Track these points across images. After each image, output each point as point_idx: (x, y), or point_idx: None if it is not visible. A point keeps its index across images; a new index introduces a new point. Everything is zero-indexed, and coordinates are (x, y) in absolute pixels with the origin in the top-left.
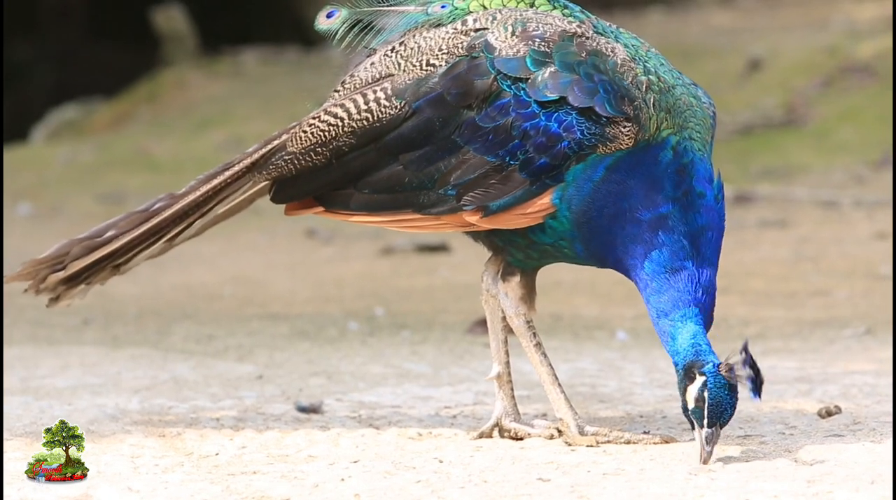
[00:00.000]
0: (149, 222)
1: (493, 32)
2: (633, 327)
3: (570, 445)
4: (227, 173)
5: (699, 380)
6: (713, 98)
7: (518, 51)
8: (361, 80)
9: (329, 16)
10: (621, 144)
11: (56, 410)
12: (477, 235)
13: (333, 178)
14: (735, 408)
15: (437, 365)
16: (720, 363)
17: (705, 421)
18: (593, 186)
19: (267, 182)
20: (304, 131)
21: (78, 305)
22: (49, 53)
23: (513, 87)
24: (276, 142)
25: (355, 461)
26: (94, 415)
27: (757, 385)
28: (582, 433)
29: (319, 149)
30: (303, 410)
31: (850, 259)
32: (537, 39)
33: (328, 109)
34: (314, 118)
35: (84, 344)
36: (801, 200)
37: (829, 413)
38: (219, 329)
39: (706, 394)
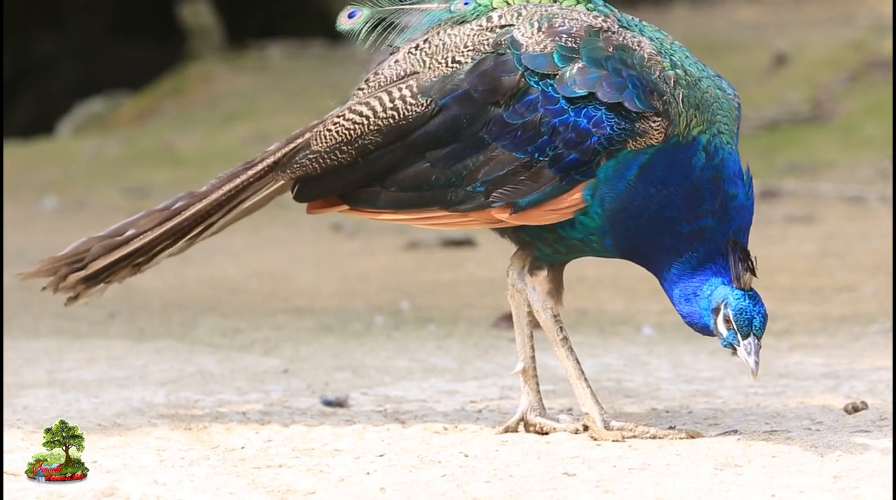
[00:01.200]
0: (170, 222)
1: (518, 29)
2: (659, 322)
3: (595, 440)
4: (250, 172)
5: (720, 306)
6: (738, 92)
7: (545, 47)
8: (386, 78)
9: (351, 16)
10: (651, 139)
11: (83, 403)
12: (504, 231)
13: (359, 176)
14: (764, 315)
15: (462, 360)
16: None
17: (739, 336)
18: (627, 185)
19: (290, 181)
20: (329, 130)
21: (104, 298)
22: (74, 47)
23: (540, 83)
24: (299, 140)
25: (381, 455)
26: (121, 408)
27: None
28: (608, 427)
29: (345, 147)
30: (328, 404)
31: (877, 255)
32: (564, 35)
33: (353, 108)
34: (339, 117)
35: (110, 337)
36: (827, 196)
37: (856, 409)
38: (244, 323)
39: (728, 311)
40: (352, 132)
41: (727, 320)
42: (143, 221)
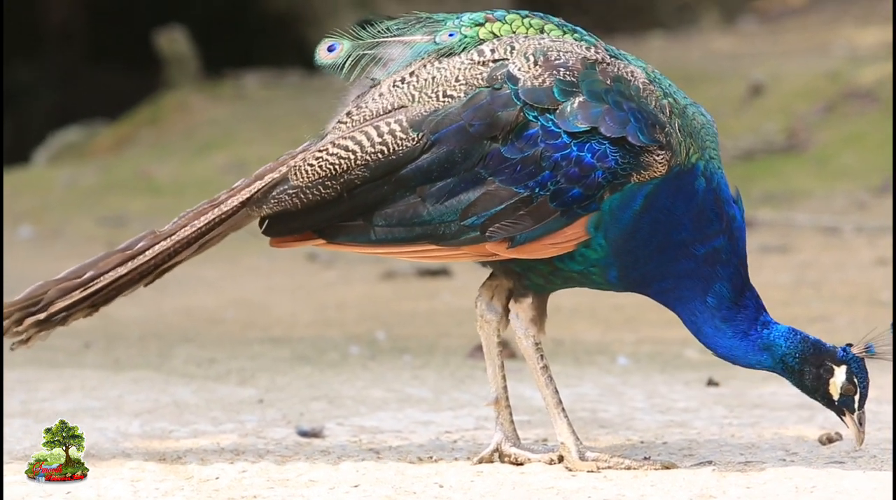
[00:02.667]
0: (131, 262)
1: (514, 63)
2: (634, 352)
3: (570, 470)
4: (219, 210)
5: (841, 369)
6: (715, 122)
7: (543, 81)
8: (371, 111)
9: (331, 49)
10: (655, 172)
11: None
12: (490, 262)
13: (342, 211)
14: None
15: (438, 390)
16: (851, 346)
17: (856, 405)
18: (633, 215)
19: (265, 216)
20: (311, 165)
21: (80, 327)
22: (51, 76)
23: (540, 117)
24: (272, 175)
25: (356, 486)
26: (95, 439)
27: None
28: (583, 458)
29: (329, 182)
30: (304, 434)
31: (852, 285)
32: (561, 69)
33: (337, 142)
34: (321, 151)
35: (85, 367)
36: (803, 226)
37: (830, 440)
38: (220, 353)
39: (856, 379)
40: (337, 167)
41: (849, 386)
42: (103, 263)
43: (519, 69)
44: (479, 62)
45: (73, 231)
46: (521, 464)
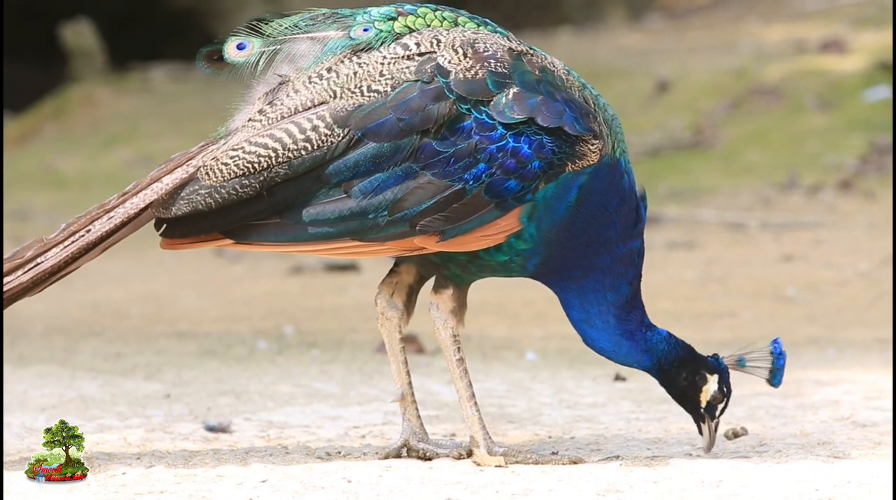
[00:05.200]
0: (21, 271)
1: (442, 55)
2: (542, 347)
3: (478, 465)
4: (116, 216)
5: (714, 378)
6: (621, 119)
7: (476, 73)
8: (289, 108)
9: (240, 47)
10: (589, 161)
11: None
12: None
13: (259, 209)
14: None
15: (346, 385)
16: (718, 356)
17: (718, 412)
18: (569, 207)
19: (169, 217)
20: (226, 163)
21: None
22: None
23: (473, 110)
24: (173, 176)
25: (264, 481)
26: None
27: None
28: (491, 453)
29: (247, 180)
30: (211, 429)
31: (757, 281)
32: (492, 60)
33: (253, 140)
34: (236, 150)
35: None
36: (709, 222)
37: (736, 435)
38: (126, 347)
39: (725, 389)
40: (256, 165)
41: (719, 394)
42: None
43: (449, 62)
44: (404, 56)
45: None
46: (430, 459)
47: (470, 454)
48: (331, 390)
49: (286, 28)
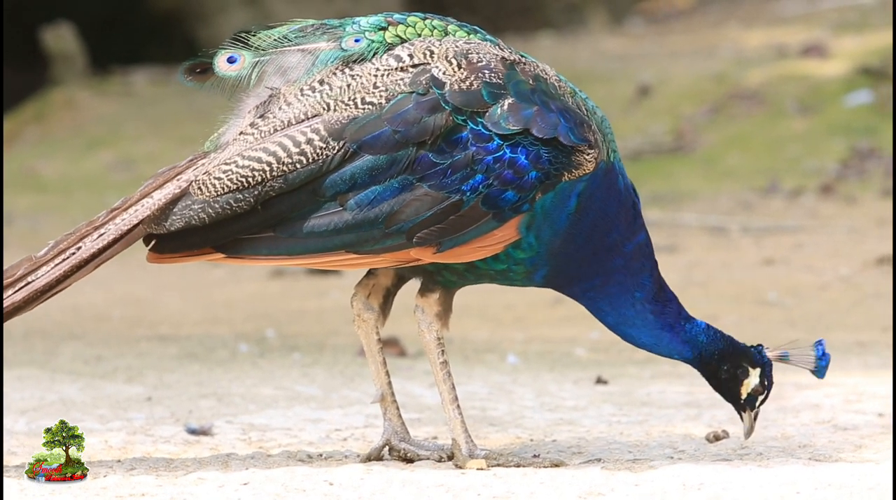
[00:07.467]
0: (13, 291)
1: (437, 66)
2: (524, 350)
3: (460, 468)
4: (108, 233)
5: (756, 371)
6: None
7: (471, 84)
8: (282, 121)
9: (231, 61)
10: (586, 170)
11: None
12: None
13: (253, 223)
14: None
15: (327, 388)
16: (764, 348)
17: (758, 403)
18: (569, 217)
19: (162, 233)
20: (219, 178)
21: None
22: None
23: (469, 121)
24: (164, 192)
25: (245, 484)
26: None
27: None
28: (472, 455)
29: (241, 194)
30: (192, 432)
31: (738, 285)
32: (486, 71)
33: (246, 154)
34: (228, 164)
35: None
36: (690, 226)
37: (718, 438)
38: (107, 350)
39: (766, 382)
40: (250, 179)
41: (761, 386)
42: None
43: (444, 73)
44: (397, 68)
45: None
46: (411, 461)
47: (452, 456)
48: (312, 393)
49: (275, 40)
